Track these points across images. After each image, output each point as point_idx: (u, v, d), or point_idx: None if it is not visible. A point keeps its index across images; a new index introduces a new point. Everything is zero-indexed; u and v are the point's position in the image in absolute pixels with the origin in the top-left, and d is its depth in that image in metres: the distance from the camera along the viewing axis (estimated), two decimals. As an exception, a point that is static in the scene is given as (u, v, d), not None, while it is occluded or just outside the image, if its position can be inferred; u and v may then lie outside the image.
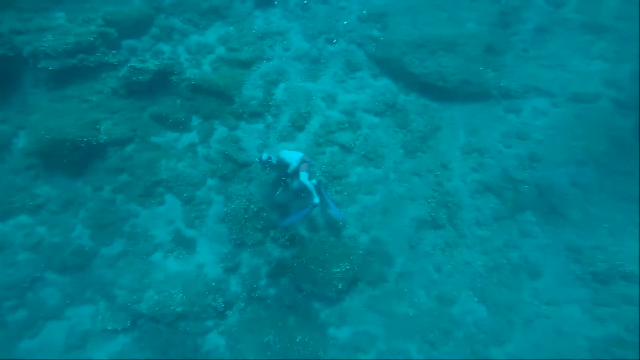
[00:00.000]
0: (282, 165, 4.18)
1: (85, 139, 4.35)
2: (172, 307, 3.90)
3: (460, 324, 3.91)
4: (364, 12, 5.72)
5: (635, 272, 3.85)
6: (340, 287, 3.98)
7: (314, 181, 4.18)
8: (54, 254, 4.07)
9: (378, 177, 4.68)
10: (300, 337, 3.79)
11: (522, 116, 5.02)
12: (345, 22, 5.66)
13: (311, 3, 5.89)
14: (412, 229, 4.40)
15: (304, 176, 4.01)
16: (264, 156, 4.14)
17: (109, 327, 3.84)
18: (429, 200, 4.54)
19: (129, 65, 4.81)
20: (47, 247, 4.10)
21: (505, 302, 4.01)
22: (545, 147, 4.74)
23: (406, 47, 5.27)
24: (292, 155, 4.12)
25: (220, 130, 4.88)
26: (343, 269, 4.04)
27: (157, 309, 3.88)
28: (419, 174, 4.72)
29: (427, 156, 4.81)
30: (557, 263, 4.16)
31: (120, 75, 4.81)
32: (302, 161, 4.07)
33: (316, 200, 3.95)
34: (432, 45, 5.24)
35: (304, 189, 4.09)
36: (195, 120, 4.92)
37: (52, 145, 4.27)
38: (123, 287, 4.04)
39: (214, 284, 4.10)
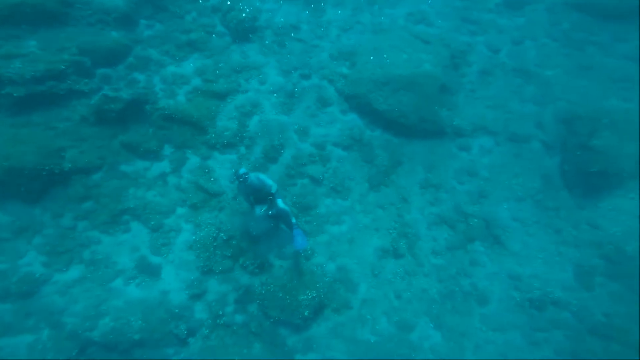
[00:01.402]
0: (259, 186, 4.15)
1: (47, 167, 4.27)
2: (129, 335, 3.78)
3: (418, 350, 4.14)
4: (335, 51, 6.23)
5: (562, 299, 4.36)
6: (306, 314, 4.08)
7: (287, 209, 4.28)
8: None
9: (345, 208, 5.00)
10: (265, 366, 3.78)
11: (471, 154, 5.63)
12: (318, 59, 6.14)
13: (287, 40, 6.34)
14: (375, 258, 4.67)
15: (281, 202, 4.17)
16: (242, 170, 4.08)
17: (49, 357, 3.59)
18: (390, 231, 4.87)
19: (101, 93, 4.84)
20: None
21: (458, 328, 4.31)
22: (491, 184, 5.34)
23: (372, 84, 5.79)
24: (269, 180, 4.22)
25: (193, 160, 4.99)
26: (310, 296, 4.16)
27: (111, 336, 3.75)
28: (382, 206, 5.08)
29: (389, 190, 5.21)
30: (501, 290, 4.59)
31: (91, 103, 4.81)
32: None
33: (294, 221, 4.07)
34: (395, 83, 5.80)
35: (280, 214, 4.20)
36: (168, 150, 5.00)
37: (9, 173, 4.14)
38: (75, 315, 3.87)
39: (177, 310, 4.05)
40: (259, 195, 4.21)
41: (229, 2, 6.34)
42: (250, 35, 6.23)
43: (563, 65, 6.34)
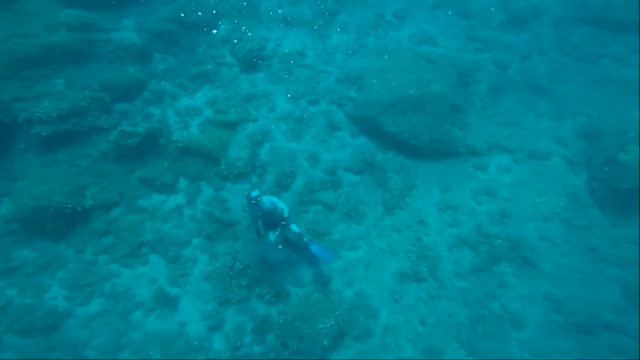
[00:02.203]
0: (271, 210, 4.11)
1: (70, 205, 4.48)
2: (148, 368, 3.82)
3: (449, 378, 3.97)
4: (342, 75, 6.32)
5: (614, 322, 4.07)
6: (325, 343, 4.01)
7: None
8: (21, 316, 3.98)
9: (360, 233, 4.96)
10: (285, 399, 3.78)
11: (488, 173, 5.51)
12: (325, 84, 6.25)
13: (294, 67, 6.51)
14: (394, 282, 4.60)
15: (295, 227, 4.18)
16: (254, 193, 4.00)
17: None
18: (409, 254, 4.79)
19: (119, 128, 5.07)
20: (15, 309, 4.03)
21: (492, 354, 4.06)
22: (512, 204, 5.19)
23: (380, 107, 5.84)
24: (281, 203, 4.23)
25: (207, 192, 5.11)
26: (328, 325, 4.11)
27: (132, 371, 3.78)
28: (398, 229, 5.02)
29: (405, 213, 5.15)
30: (538, 313, 4.33)
31: (110, 139, 5.04)
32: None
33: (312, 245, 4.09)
34: (403, 105, 5.83)
35: (296, 240, 4.20)
36: (183, 182, 5.15)
37: (35, 213, 4.37)
38: (96, 348, 3.96)
39: (195, 342, 4.09)
40: (269, 219, 4.15)
41: (237, 34, 6.61)
42: (258, 64, 6.43)
43: (577, 80, 6.23)
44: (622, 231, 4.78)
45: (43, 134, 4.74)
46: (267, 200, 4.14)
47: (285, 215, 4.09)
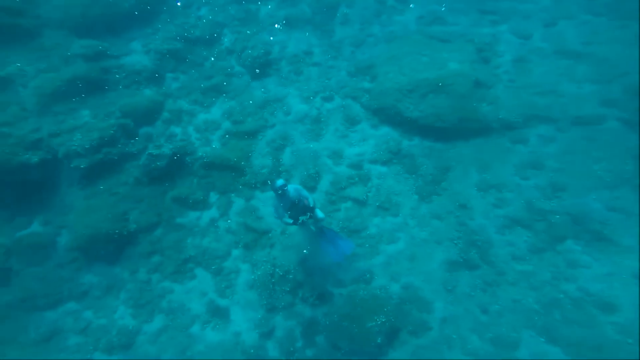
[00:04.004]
0: (296, 199, 3.88)
1: (117, 231, 4.77)
2: (215, 381, 4.02)
3: (538, 368, 3.72)
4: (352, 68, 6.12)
5: None
6: (379, 341, 3.94)
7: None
8: (101, 336, 4.38)
9: (397, 225, 4.81)
10: (346, 398, 3.83)
11: (530, 145, 5.11)
12: (336, 80, 6.10)
13: (302, 67, 6.40)
14: (444, 272, 4.41)
15: (319, 212, 4.01)
16: (279, 182, 3.74)
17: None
18: (455, 241, 4.57)
19: (147, 152, 5.27)
20: (94, 329, 4.43)
21: (584, 341, 3.67)
22: (565, 174, 4.73)
23: (398, 94, 5.63)
24: (305, 191, 4.03)
25: (238, 203, 5.22)
26: (379, 322, 4.04)
27: (200, 384, 4.01)
28: (438, 216, 4.79)
29: (443, 198, 4.91)
30: (630, 294, 3.85)
31: (140, 163, 5.26)
32: None
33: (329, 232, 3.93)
34: (422, 88, 5.58)
35: (318, 223, 4.05)
36: (213, 197, 5.29)
37: (89, 241, 4.72)
38: None
39: (252, 350, 4.26)
40: (295, 209, 3.91)
41: (241, 43, 6.55)
42: (267, 70, 6.38)
43: (619, 39, 5.62)
44: None
45: (82, 166, 5.03)
46: (293, 189, 3.90)
47: (312, 205, 3.91)
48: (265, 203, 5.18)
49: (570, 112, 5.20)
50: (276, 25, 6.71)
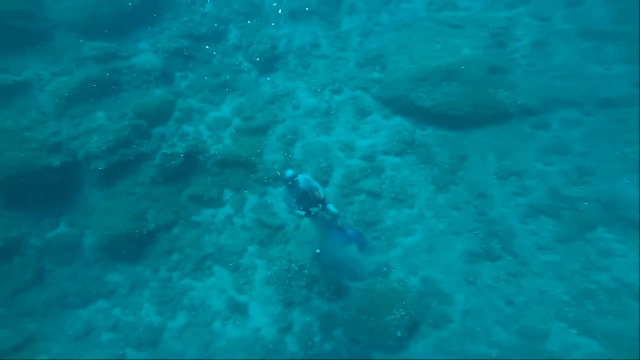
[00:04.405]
0: (307, 190, 3.76)
1: (137, 231, 4.89)
2: (237, 374, 4.10)
3: (572, 362, 3.62)
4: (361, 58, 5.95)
5: None
6: (399, 334, 3.91)
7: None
8: (129, 332, 4.55)
9: (414, 216, 4.70)
10: (365, 391, 3.84)
11: (552, 130, 4.85)
12: (345, 71, 5.97)
13: (310, 60, 6.30)
14: (464, 264, 4.30)
15: (332, 207, 3.97)
16: (289, 173, 3.57)
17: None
18: (474, 232, 4.44)
19: (160, 152, 5.33)
20: (123, 326, 4.60)
21: (621, 333, 3.51)
22: (592, 159, 4.49)
23: (409, 83, 5.46)
24: (315, 181, 3.84)
25: (251, 199, 5.25)
26: (398, 316, 4.00)
27: (224, 378, 4.10)
28: (456, 207, 4.66)
29: (460, 188, 4.77)
30: None
31: (155, 163, 5.34)
32: None
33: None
34: (434, 76, 5.39)
35: (331, 218, 4.03)
36: (227, 194, 5.33)
37: (112, 241, 4.87)
38: (192, 358, 4.31)
39: (271, 345, 4.32)
40: (306, 201, 3.80)
41: (247, 37, 6.47)
42: (274, 64, 6.32)
43: None
44: None
45: (100, 168, 5.15)
46: (303, 180, 3.76)
47: (322, 196, 3.77)
48: (278, 199, 5.16)
49: (598, 95, 4.88)
50: (279, 11, 6.55)
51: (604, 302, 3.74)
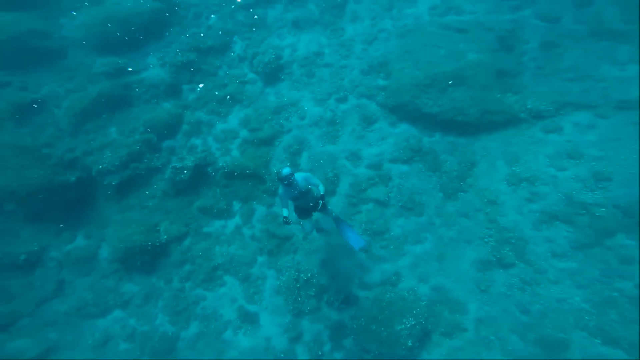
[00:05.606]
0: (305, 189, 3.50)
1: (150, 243, 5.03)
2: (247, 385, 4.18)
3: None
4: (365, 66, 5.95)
5: None
6: (410, 344, 3.89)
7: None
8: (145, 342, 4.68)
9: (423, 225, 4.67)
10: (378, 402, 3.86)
11: (565, 134, 4.73)
12: (350, 79, 5.98)
13: (314, 69, 6.34)
14: (476, 272, 4.25)
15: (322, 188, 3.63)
16: (285, 171, 3.28)
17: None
18: (485, 239, 4.39)
19: (170, 166, 5.49)
20: (139, 336, 4.74)
21: None
22: (609, 163, 4.36)
23: (415, 89, 5.43)
24: (315, 178, 3.61)
25: (260, 210, 5.33)
26: (408, 325, 3.98)
27: (236, 388, 4.19)
28: (466, 214, 4.60)
29: (469, 195, 4.71)
30: None
31: (166, 177, 5.49)
32: None
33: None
34: (440, 82, 5.35)
35: (330, 216, 3.93)
36: (236, 205, 5.43)
37: (126, 253, 5.01)
38: None
39: (282, 355, 4.38)
40: (304, 200, 3.57)
41: (252, 49, 6.57)
42: (279, 74, 6.38)
43: None
44: None
45: (114, 183, 5.34)
46: (301, 178, 3.48)
47: (322, 193, 3.49)
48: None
49: (613, 96, 4.73)
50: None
51: (628, 311, 3.59)
